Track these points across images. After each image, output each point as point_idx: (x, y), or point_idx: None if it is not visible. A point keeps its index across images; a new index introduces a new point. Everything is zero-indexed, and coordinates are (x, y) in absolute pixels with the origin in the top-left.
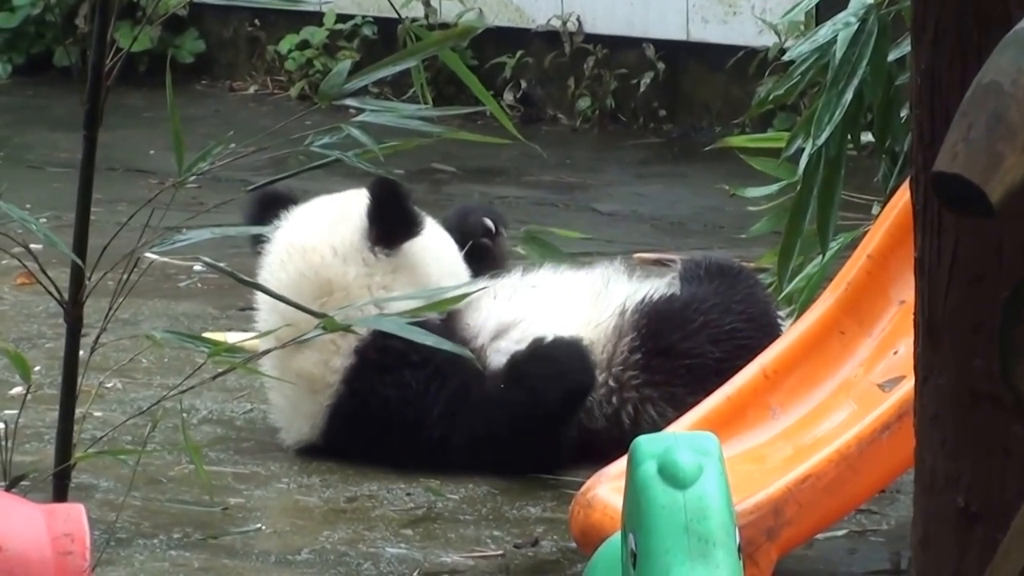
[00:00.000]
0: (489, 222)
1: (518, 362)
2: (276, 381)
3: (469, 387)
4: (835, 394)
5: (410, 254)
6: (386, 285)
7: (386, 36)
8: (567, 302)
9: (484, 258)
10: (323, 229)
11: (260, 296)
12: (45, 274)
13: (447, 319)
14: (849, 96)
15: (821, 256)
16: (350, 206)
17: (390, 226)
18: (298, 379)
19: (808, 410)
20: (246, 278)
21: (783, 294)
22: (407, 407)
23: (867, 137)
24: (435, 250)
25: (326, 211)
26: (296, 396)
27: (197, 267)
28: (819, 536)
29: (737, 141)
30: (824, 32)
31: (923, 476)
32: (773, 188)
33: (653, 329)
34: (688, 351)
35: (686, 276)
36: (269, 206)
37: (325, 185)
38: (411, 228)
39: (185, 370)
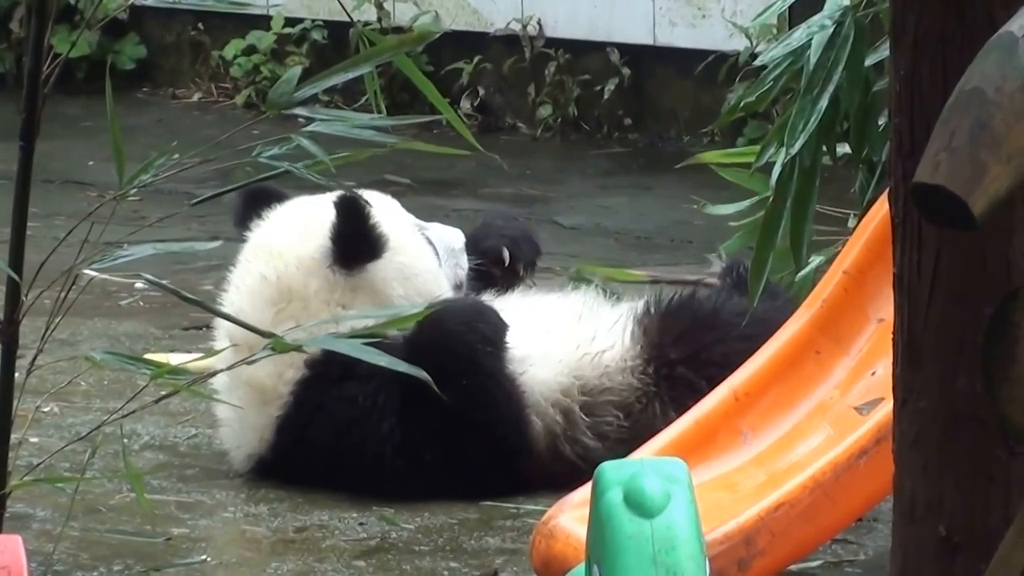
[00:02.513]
0: (506, 253)
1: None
2: (225, 394)
3: (420, 401)
4: (810, 417)
5: (372, 275)
6: (345, 303)
7: (337, 41)
8: (545, 324)
9: (492, 282)
10: (291, 237)
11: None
12: None
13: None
14: (824, 103)
15: (796, 276)
16: (319, 218)
17: (350, 248)
18: (249, 390)
19: (781, 434)
20: (190, 296)
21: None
22: (356, 422)
23: (843, 147)
24: (405, 269)
25: (298, 218)
26: (246, 407)
27: (139, 285)
28: (793, 567)
29: (709, 157)
30: (798, 35)
31: (902, 504)
32: (744, 204)
33: (683, 331)
34: (718, 360)
35: (724, 282)
36: (256, 202)
37: None
38: (371, 251)
39: (126, 393)
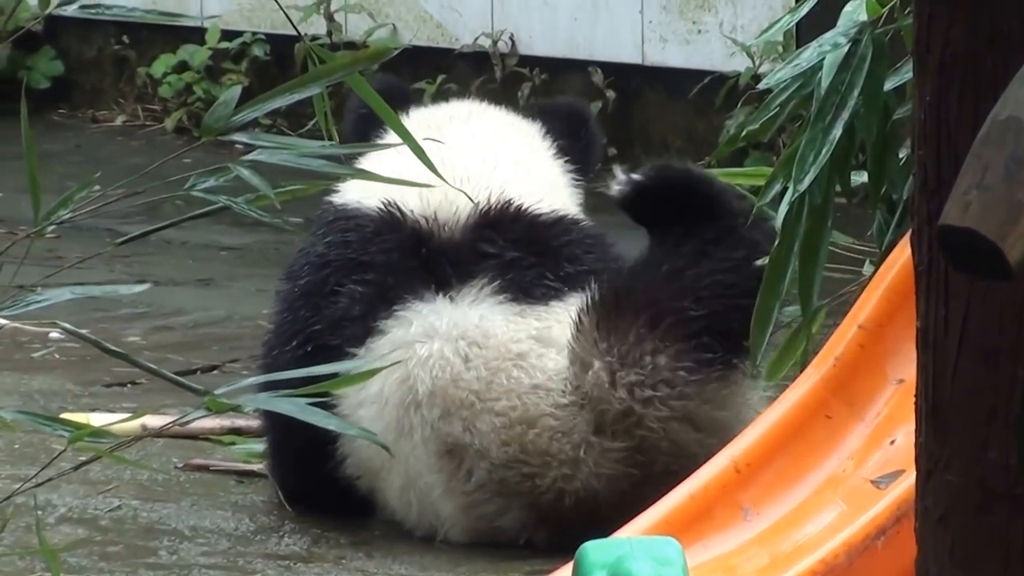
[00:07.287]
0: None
1: None
2: None
3: None
4: (820, 491)
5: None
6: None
7: (281, 57)
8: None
9: None
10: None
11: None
12: None
13: None
14: (838, 132)
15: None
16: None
17: (580, 152)
18: None
19: (787, 510)
20: (113, 348)
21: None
22: None
23: (859, 182)
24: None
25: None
26: None
27: (54, 334)
28: None
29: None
30: (807, 55)
31: None
32: None
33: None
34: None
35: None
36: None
37: (207, 235)
38: (593, 164)
39: (40, 459)
